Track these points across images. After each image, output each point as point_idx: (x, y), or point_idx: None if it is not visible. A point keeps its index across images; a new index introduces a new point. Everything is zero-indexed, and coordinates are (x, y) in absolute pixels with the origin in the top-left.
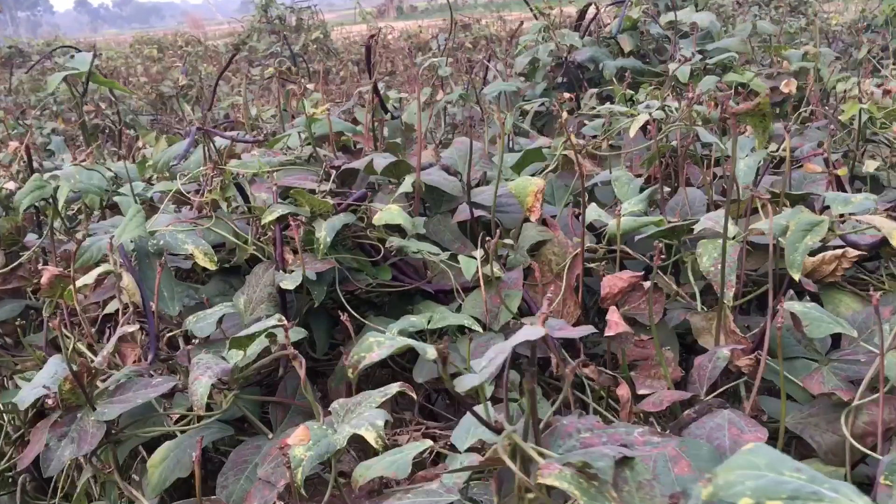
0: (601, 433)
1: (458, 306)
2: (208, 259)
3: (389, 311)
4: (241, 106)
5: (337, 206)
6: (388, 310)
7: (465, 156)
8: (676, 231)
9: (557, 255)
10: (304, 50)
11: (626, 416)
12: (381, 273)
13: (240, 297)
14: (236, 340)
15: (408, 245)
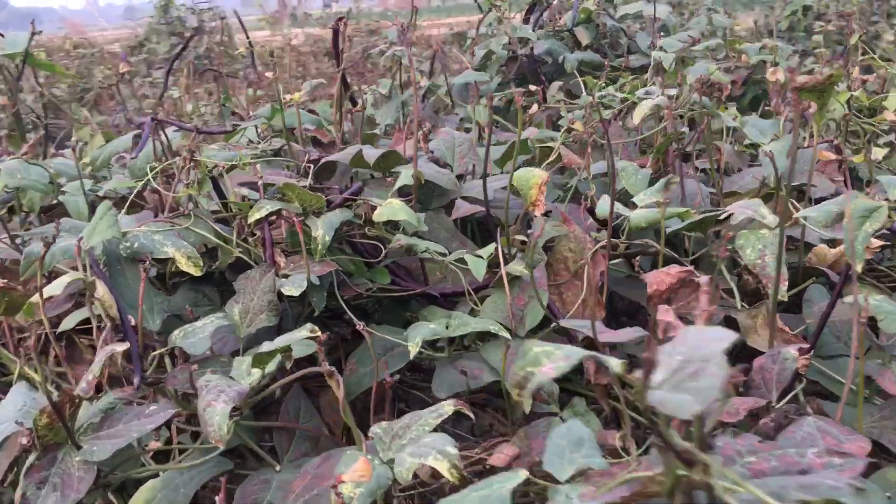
0: (768, 456)
1: (468, 311)
2: (192, 264)
3: (384, 318)
4: (168, 101)
5: (330, 202)
6: (383, 317)
7: (452, 147)
8: (704, 223)
9: (574, 252)
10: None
11: (678, 427)
12: (377, 276)
13: (233, 307)
14: (260, 357)
15: (416, 244)
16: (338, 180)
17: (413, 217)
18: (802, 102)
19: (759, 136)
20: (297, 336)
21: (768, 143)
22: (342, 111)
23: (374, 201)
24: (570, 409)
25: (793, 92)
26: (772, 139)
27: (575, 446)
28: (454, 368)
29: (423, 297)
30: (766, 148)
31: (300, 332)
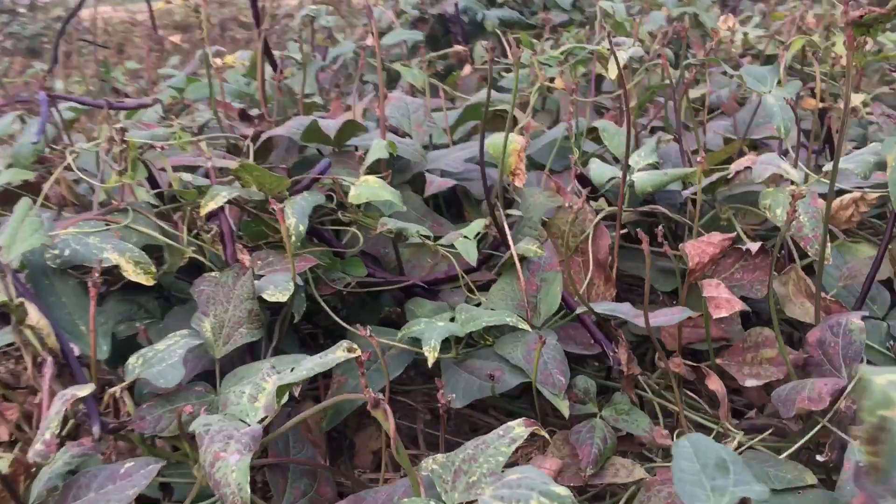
0: None
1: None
2: (142, 271)
3: (355, 316)
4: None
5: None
6: (354, 315)
7: (407, 114)
8: (714, 184)
9: (573, 225)
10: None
11: (725, 417)
12: (351, 268)
13: (203, 321)
14: (285, 387)
15: (406, 228)
16: (280, 159)
17: (397, 197)
18: (857, 39)
19: (756, 84)
20: (332, 358)
21: (768, 90)
22: (263, 80)
23: (346, 180)
24: (612, 408)
25: (847, 27)
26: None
27: (717, 471)
28: (465, 370)
29: (401, 289)
30: (769, 98)
31: (335, 352)
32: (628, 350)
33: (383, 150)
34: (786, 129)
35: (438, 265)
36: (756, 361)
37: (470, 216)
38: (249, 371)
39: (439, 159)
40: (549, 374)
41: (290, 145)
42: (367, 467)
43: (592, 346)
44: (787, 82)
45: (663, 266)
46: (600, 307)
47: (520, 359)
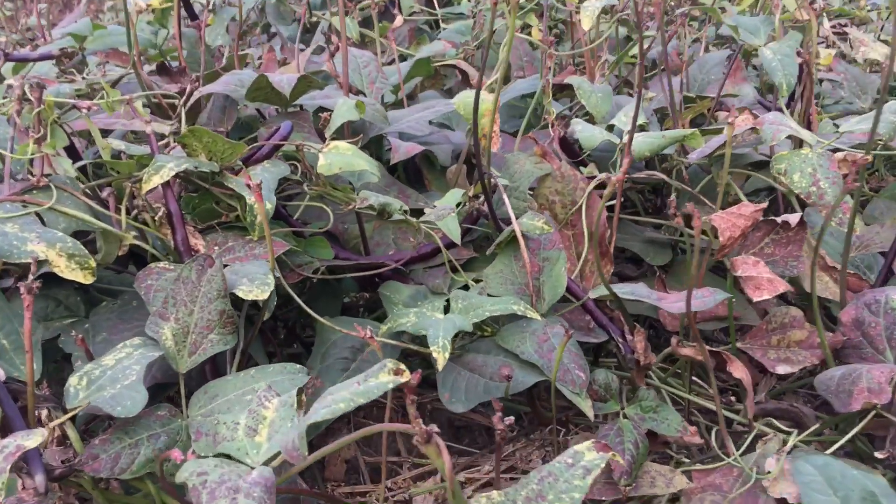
0: None
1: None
2: (79, 266)
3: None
4: None
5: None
6: (316, 302)
7: (357, 69)
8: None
9: (562, 195)
10: None
11: (751, 408)
12: (316, 250)
13: (161, 326)
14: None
15: (389, 203)
16: (216, 121)
17: (374, 166)
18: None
19: (750, 36)
20: (376, 386)
21: (764, 43)
22: (180, 27)
23: (312, 147)
24: (637, 405)
25: None
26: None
27: None
28: (465, 368)
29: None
30: (767, 51)
31: (378, 376)
32: (645, 337)
33: (352, 112)
34: (788, 86)
35: (404, 242)
36: (784, 344)
37: (432, 185)
38: (225, 387)
39: (398, 121)
40: (567, 369)
41: (228, 105)
42: (341, 480)
43: (591, 330)
44: (782, 34)
45: (653, 238)
46: (619, 290)
47: (531, 353)
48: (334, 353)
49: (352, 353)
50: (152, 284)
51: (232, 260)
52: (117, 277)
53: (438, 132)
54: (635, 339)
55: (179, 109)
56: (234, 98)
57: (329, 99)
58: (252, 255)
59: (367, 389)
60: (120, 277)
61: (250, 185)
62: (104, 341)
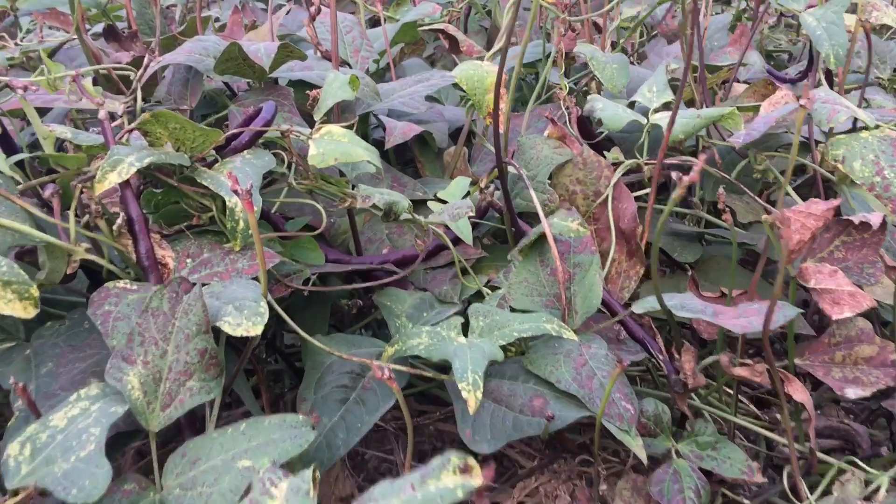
0: None
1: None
2: (17, 296)
3: (301, 314)
4: None
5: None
6: (300, 313)
7: (340, 35)
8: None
9: (584, 184)
10: None
11: (814, 439)
12: (305, 254)
13: (125, 371)
14: None
15: (397, 201)
16: (177, 96)
17: (374, 155)
18: None
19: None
20: (438, 494)
21: (803, 8)
22: None
23: (301, 132)
24: (692, 441)
25: None
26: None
27: None
28: (488, 398)
29: (360, 273)
30: (809, 18)
31: (440, 477)
32: (695, 357)
33: (345, 89)
34: (837, 59)
35: (399, 238)
36: (850, 362)
37: (426, 168)
38: (209, 449)
39: (389, 96)
40: (612, 400)
41: (191, 77)
42: None
43: (620, 342)
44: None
45: (679, 230)
46: (673, 305)
47: (568, 381)
48: (330, 381)
49: (351, 379)
50: (111, 311)
51: (209, 277)
52: (65, 288)
53: (432, 108)
54: (683, 358)
55: (135, 85)
56: (199, 70)
57: (311, 71)
58: (234, 270)
59: (429, 499)
60: (69, 288)
61: (236, 190)
62: (50, 374)
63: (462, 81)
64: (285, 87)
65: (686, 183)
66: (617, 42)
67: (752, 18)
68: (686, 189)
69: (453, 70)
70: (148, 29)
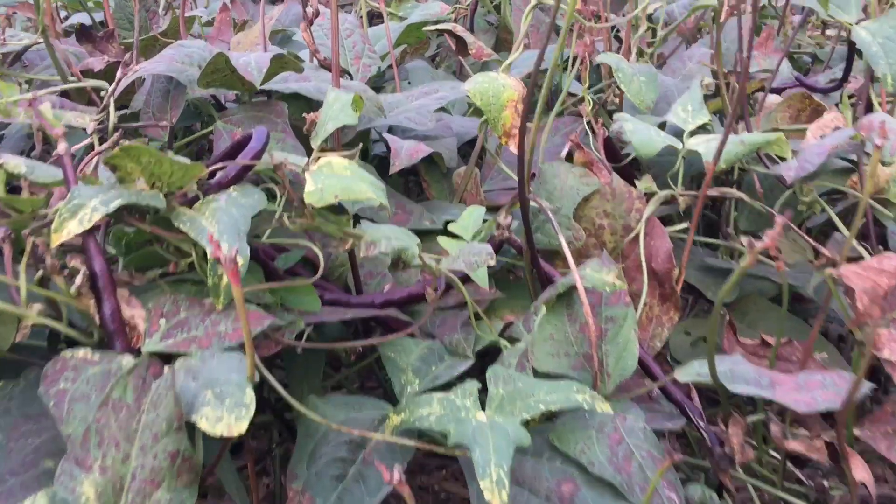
0: None
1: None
2: None
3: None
4: None
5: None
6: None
7: (340, 40)
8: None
9: (612, 217)
10: None
11: None
12: (300, 300)
13: (79, 478)
14: None
15: (407, 247)
16: (157, 107)
17: (380, 191)
18: None
19: (838, 11)
20: None
21: (856, 21)
22: None
23: (295, 164)
24: None
25: None
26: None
27: None
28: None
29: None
30: (863, 32)
31: None
32: (744, 428)
33: (348, 112)
34: (895, 79)
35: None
36: None
37: (432, 190)
38: None
39: (393, 109)
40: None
41: (173, 88)
42: None
43: (652, 400)
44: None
45: (712, 265)
46: (723, 372)
47: (603, 463)
48: (326, 452)
49: (350, 450)
50: (66, 390)
51: (185, 344)
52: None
53: (439, 120)
54: (730, 431)
55: (106, 101)
56: (181, 81)
57: (307, 83)
58: (215, 335)
59: None
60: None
61: (218, 258)
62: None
63: (475, 97)
64: (278, 104)
65: (760, 249)
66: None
67: (775, 17)
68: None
69: (465, 84)
70: (128, 23)
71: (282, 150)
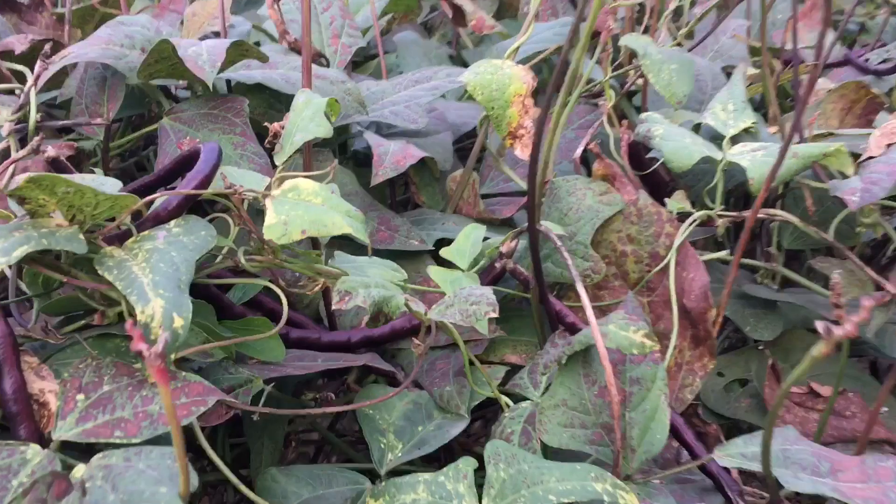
0: None
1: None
2: None
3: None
4: None
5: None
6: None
7: (315, 16)
8: None
9: (638, 243)
10: None
11: None
12: (261, 348)
13: None
14: None
15: (388, 299)
16: (91, 97)
17: (360, 226)
18: None
19: None
20: None
21: None
22: None
23: (254, 192)
24: None
25: None
26: None
27: None
28: None
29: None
30: None
31: None
32: None
33: (319, 121)
34: None
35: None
36: None
37: (421, 194)
38: None
39: (377, 101)
40: None
41: (111, 77)
42: None
43: (680, 462)
44: None
45: (754, 294)
46: (775, 454)
47: None
48: None
49: None
50: None
51: (107, 429)
52: None
53: (431, 111)
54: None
55: (24, 98)
56: (120, 70)
57: (273, 72)
58: (147, 418)
59: None
60: None
61: (140, 351)
62: None
63: (475, 91)
64: (238, 100)
65: (836, 339)
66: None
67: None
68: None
69: (464, 74)
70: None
71: (241, 157)
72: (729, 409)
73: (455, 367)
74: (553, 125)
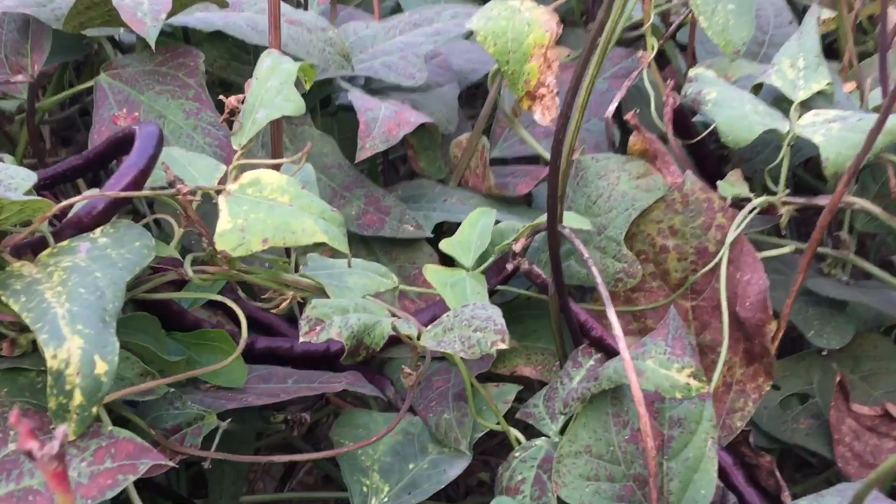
0: None
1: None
2: None
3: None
4: None
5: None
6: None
7: None
8: None
9: (682, 236)
10: None
11: None
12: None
13: None
14: None
15: (372, 327)
16: (14, 45)
17: (338, 234)
18: None
19: None
20: None
21: None
22: None
23: (205, 188)
24: None
25: None
26: None
27: None
28: None
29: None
30: None
31: None
32: None
33: (291, 96)
34: None
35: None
36: None
37: (420, 160)
38: None
39: (365, 50)
40: None
41: (35, 24)
42: None
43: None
44: None
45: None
46: None
47: None
48: None
49: None
50: None
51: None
52: None
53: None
54: None
55: None
56: (44, 21)
57: (235, 15)
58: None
59: None
60: None
61: (30, 450)
62: None
63: (486, 41)
64: (191, 54)
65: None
66: None
67: None
68: None
69: (472, 19)
70: None
71: (194, 129)
72: (786, 432)
73: (455, 388)
74: (589, 82)
